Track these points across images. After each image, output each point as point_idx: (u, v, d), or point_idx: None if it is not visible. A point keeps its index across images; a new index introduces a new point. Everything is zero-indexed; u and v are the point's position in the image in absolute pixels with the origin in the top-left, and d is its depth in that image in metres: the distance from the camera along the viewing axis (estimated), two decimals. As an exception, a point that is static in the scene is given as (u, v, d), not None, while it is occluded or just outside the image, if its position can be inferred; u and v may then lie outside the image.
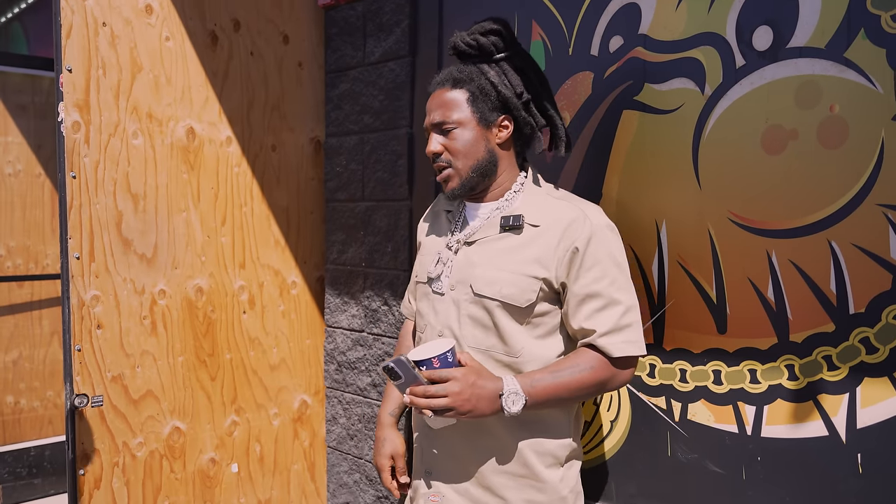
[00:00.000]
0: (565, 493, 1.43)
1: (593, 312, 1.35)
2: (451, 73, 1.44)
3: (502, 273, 1.39)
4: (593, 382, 1.35)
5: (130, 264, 2.00)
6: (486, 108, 1.42)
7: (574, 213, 1.37)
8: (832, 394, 1.39)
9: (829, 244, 1.39)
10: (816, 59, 1.39)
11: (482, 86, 1.41)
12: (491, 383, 1.30)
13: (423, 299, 1.54)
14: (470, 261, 1.44)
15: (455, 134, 1.42)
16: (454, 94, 1.42)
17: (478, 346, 1.42)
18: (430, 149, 1.44)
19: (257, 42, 2.28)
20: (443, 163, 1.44)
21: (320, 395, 2.52)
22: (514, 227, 1.40)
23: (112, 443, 1.97)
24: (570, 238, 1.35)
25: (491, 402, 1.29)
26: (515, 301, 1.37)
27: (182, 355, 2.13)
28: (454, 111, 1.41)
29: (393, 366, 1.29)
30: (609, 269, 1.36)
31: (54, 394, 3.56)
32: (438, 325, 1.47)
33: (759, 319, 1.48)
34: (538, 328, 1.41)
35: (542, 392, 1.32)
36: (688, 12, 1.56)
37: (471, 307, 1.42)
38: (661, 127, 1.62)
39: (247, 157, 2.27)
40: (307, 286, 2.47)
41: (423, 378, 1.30)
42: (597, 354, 1.35)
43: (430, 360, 1.30)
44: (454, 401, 1.27)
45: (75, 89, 1.87)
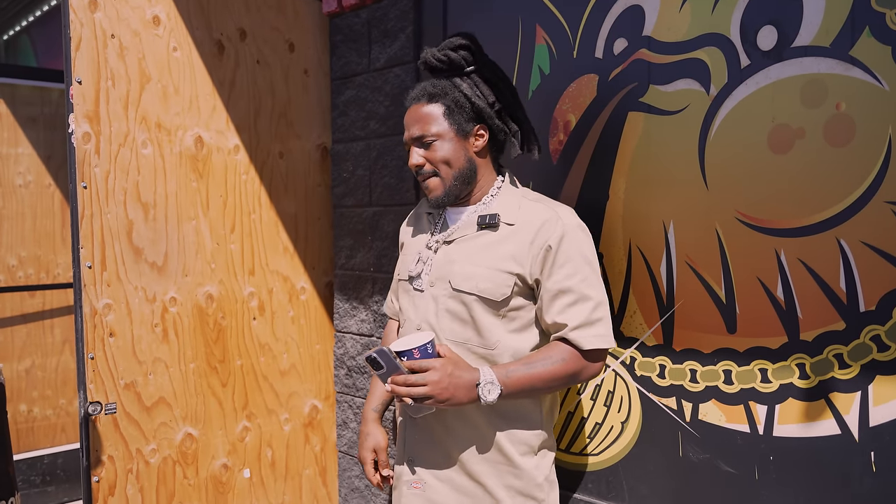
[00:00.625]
0: (540, 480, 1.50)
1: (565, 307, 1.42)
2: (426, 88, 1.51)
3: (479, 269, 1.46)
4: (564, 374, 1.42)
5: (142, 272, 2.02)
6: (462, 119, 1.49)
7: (547, 214, 1.45)
8: (844, 392, 1.39)
9: (838, 242, 1.39)
10: (822, 58, 1.39)
11: (457, 98, 1.49)
12: (468, 373, 1.38)
13: (404, 296, 1.63)
14: (449, 258, 1.52)
15: (436, 146, 1.49)
16: (431, 109, 1.49)
17: (455, 339, 1.49)
18: (413, 162, 1.52)
19: (263, 50, 2.30)
20: (427, 173, 1.51)
21: (330, 399, 2.53)
22: (490, 226, 1.49)
23: (126, 449, 1.99)
24: (544, 237, 1.43)
25: (468, 391, 1.37)
26: (491, 295, 1.45)
27: (193, 362, 2.14)
28: (432, 125, 1.49)
29: (375, 356, 1.35)
30: (580, 266, 1.43)
31: (67, 402, 3.58)
32: (417, 320, 1.55)
33: (769, 319, 1.48)
34: (513, 322, 1.48)
35: (517, 382, 1.39)
36: (691, 13, 1.57)
37: (449, 302, 1.49)
38: (666, 128, 1.62)
39: (254, 165, 2.28)
40: (316, 292, 2.48)
41: (404, 368, 1.36)
42: (568, 347, 1.43)
43: (410, 350, 1.37)
44: (433, 389, 1.34)
45: (85, 100, 1.89)
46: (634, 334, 1.71)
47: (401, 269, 1.66)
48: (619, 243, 1.72)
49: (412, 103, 1.53)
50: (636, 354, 1.71)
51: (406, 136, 1.53)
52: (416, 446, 1.56)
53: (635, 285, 1.70)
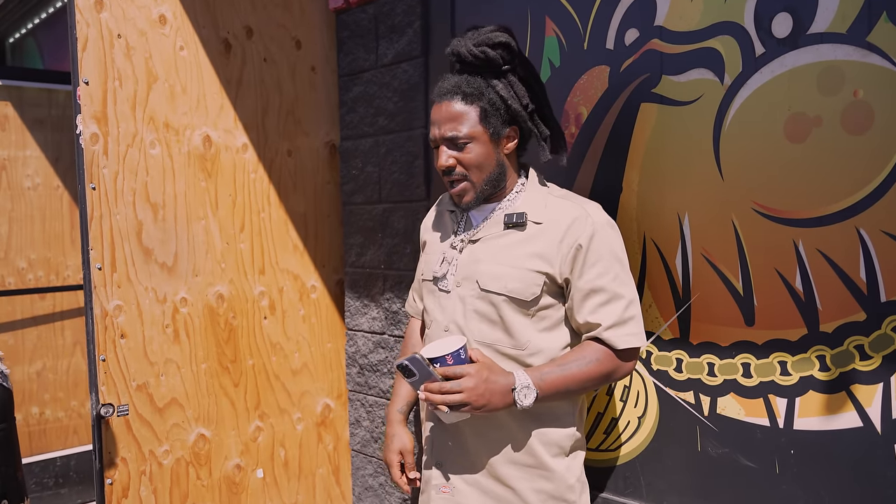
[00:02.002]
0: (572, 481, 1.47)
1: (598, 307, 1.39)
2: (461, 86, 1.42)
3: (507, 268, 1.43)
4: (599, 374, 1.39)
5: (152, 273, 2.01)
6: (498, 122, 1.43)
7: (576, 212, 1.42)
8: (865, 384, 1.37)
9: (858, 231, 1.36)
10: (838, 45, 1.37)
11: (493, 100, 1.41)
12: (503, 378, 1.34)
13: (429, 297, 1.58)
14: (475, 258, 1.48)
15: (469, 148, 1.42)
16: (465, 109, 1.41)
17: (483, 340, 1.46)
18: (443, 163, 1.44)
19: (270, 48, 2.28)
20: (457, 176, 1.45)
21: (343, 398, 2.52)
22: (518, 225, 1.45)
23: (139, 451, 1.98)
24: (574, 235, 1.39)
25: (504, 396, 1.33)
26: (521, 295, 1.41)
27: (205, 362, 2.14)
28: (466, 125, 1.41)
29: (407, 363, 1.32)
30: (611, 264, 1.40)
31: (78, 404, 3.59)
32: (444, 321, 1.51)
33: (788, 310, 1.46)
34: (543, 321, 1.44)
35: (552, 384, 1.36)
36: (704, 2, 1.54)
37: (477, 302, 1.46)
38: (680, 118, 1.60)
39: (263, 163, 2.27)
40: (327, 290, 2.47)
41: (438, 375, 1.33)
42: (602, 347, 1.40)
43: (443, 357, 1.34)
44: (469, 396, 1.30)
45: (93, 101, 1.88)
46: (650, 328, 1.69)
47: (424, 270, 1.62)
48: (633, 236, 1.70)
49: (444, 99, 1.43)
50: (652, 349, 1.69)
51: (435, 133, 1.45)
52: (445, 450, 1.52)
53: (650, 279, 1.68)
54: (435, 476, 1.54)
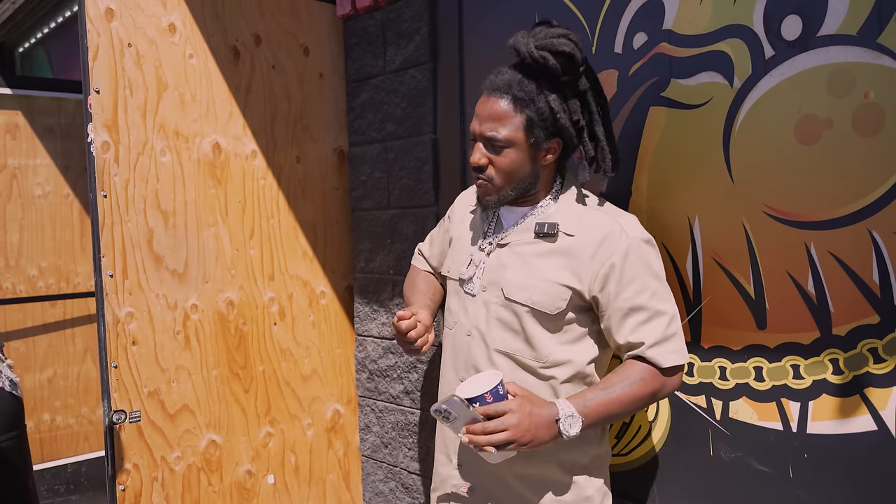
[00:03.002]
0: (591, 492, 1.45)
1: (638, 325, 1.35)
2: (512, 86, 1.36)
3: (533, 280, 1.39)
4: (645, 394, 1.35)
5: (163, 280, 2.02)
6: (542, 134, 1.38)
7: (610, 227, 1.37)
8: (879, 387, 1.36)
9: (871, 234, 1.36)
10: (849, 47, 1.36)
11: (541, 110, 1.36)
12: (546, 410, 1.29)
13: (453, 296, 1.57)
14: (501, 263, 1.45)
15: (506, 153, 1.39)
16: (511, 112, 1.36)
17: (504, 349, 1.43)
18: (476, 160, 1.41)
19: (278, 55, 2.30)
20: (484, 178, 1.42)
21: (353, 404, 2.52)
22: (549, 235, 1.41)
23: (150, 457, 1.99)
24: (607, 253, 1.35)
25: (549, 429, 1.28)
26: (545, 308, 1.38)
27: (216, 369, 2.14)
28: (508, 129, 1.37)
29: (446, 408, 1.26)
30: (649, 281, 1.36)
31: (89, 410, 3.60)
32: (468, 325, 1.49)
33: (800, 313, 1.46)
34: (566, 334, 1.41)
35: (596, 410, 1.31)
36: (713, 5, 1.54)
37: (500, 310, 1.43)
38: (689, 122, 1.60)
39: (272, 170, 2.28)
40: (336, 296, 2.47)
41: (479, 415, 1.26)
42: (646, 366, 1.35)
43: (482, 395, 1.27)
44: (514, 433, 1.24)
45: (103, 110, 1.89)
46: (661, 332, 1.68)
47: (451, 268, 1.59)
48: (643, 240, 1.70)
49: (493, 95, 1.38)
50: (663, 352, 1.68)
51: (476, 127, 1.41)
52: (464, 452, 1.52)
53: (661, 282, 1.68)
54: (454, 476, 1.53)
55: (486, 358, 1.45)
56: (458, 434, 1.30)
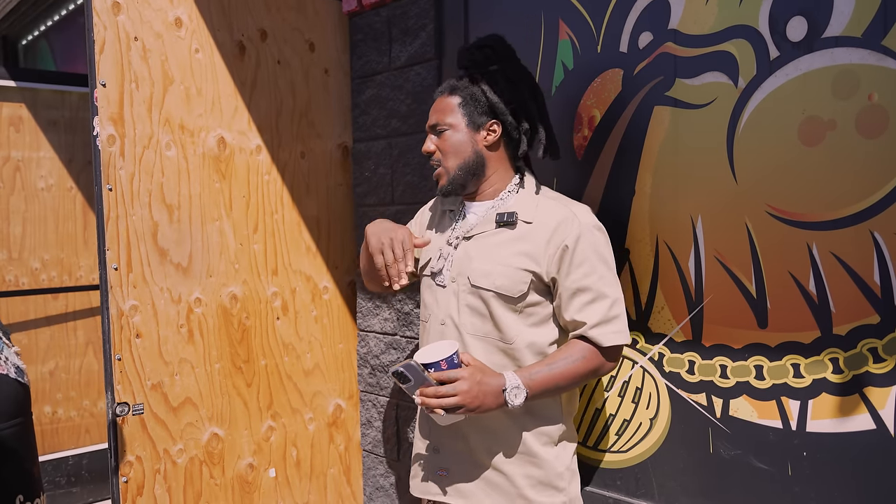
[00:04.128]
0: (561, 469, 1.54)
1: (583, 305, 1.46)
2: (450, 82, 1.59)
3: (496, 266, 1.50)
4: (585, 371, 1.47)
5: (167, 273, 2.03)
6: (476, 112, 1.54)
7: (564, 213, 1.48)
8: (879, 386, 1.37)
9: (872, 235, 1.37)
10: (853, 49, 1.37)
11: (473, 93, 1.54)
12: (495, 380, 1.41)
13: (426, 290, 1.67)
14: (468, 255, 1.56)
15: (446, 135, 1.56)
16: (450, 100, 1.56)
17: (476, 333, 1.53)
18: (424, 147, 1.60)
19: (284, 51, 2.30)
20: (435, 161, 1.59)
21: (354, 399, 2.53)
22: (508, 223, 1.52)
23: (153, 450, 2.00)
24: (561, 236, 1.46)
25: (496, 397, 1.40)
26: (508, 291, 1.48)
27: (218, 362, 2.15)
28: (447, 115, 1.56)
29: (402, 370, 1.37)
30: (597, 265, 1.46)
31: (90, 403, 3.61)
32: (441, 315, 1.59)
33: (801, 313, 1.47)
34: (531, 317, 1.51)
35: (540, 383, 1.43)
36: (719, 5, 1.55)
37: (468, 297, 1.54)
38: (694, 122, 1.61)
39: (276, 165, 2.29)
40: (339, 291, 2.48)
41: (433, 380, 1.39)
42: (587, 345, 1.47)
43: (437, 362, 1.39)
44: (463, 399, 1.37)
45: (109, 103, 1.90)
46: (663, 330, 1.69)
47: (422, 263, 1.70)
48: (645, 239, 1.71)
49: (437, 95, 1.60)
50: (664, 350, 1.69)
51: (426, 125, 1.61)
52: (442, 437, 1.60)
53: (663, 281, 1.69)
54: (432, 460, 1.62)
55: (460, 342, 1.55)
56: (412, 396, 1.41)
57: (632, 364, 1.75)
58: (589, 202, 1.73)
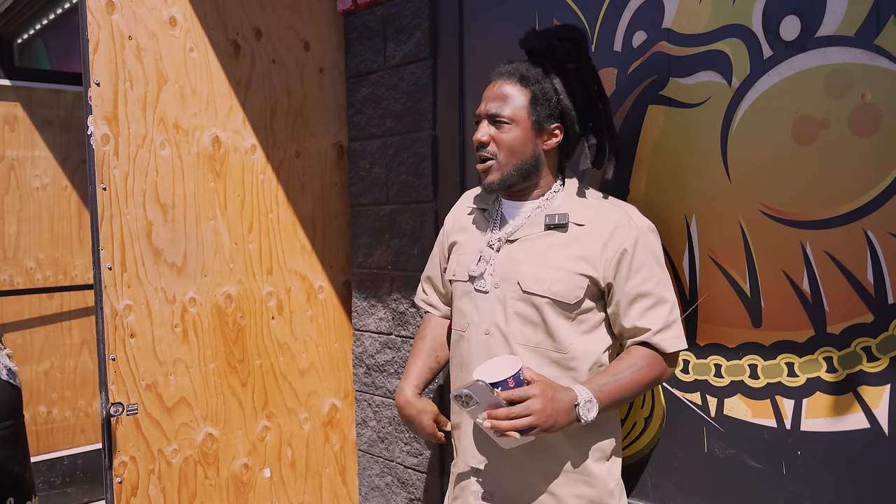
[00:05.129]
0: (612, 486, 1.47)
1: (644, 311, 1.40)
2: (519, 68, 1.44)
3: (550, 270, 1.41)
4: (650, 379, 1.40)
5: (161, 273, 2.02)
6: (544, 113, 1.43)
7: (619, 216, 1.42)
8: (873, 385, 1.37)
9: (865, 234, 1.37)
10: (846, 48, 1.37)
11: (546, 90, 1.42)
12: (566, 395, 1.31)
13: (463, 298, 1.55)
14: (514, 258, 1.46)
15: (507, 129, 1.43)
16: (516, 91, 1.42)
17: (526, 343, 1.44)
18: (479, 137, 1.45)
19: (279, 50, 2.30)
20: (487, 153, 1.45)
21: (350, 398, 2.53)
22: (560, 226, 1.44)
23: (147, 450, 1.99)
24: (619, 240, 1.39)
25: (568, 414, 1.30)
26: (564, 298, 1.40)
27: (213, 362, 2.15)
28: (511, 107, 1.42)
29: (468, 392, 1.26)
30: (655, 269, 1.41)
31: (85, 403, 3.60)
32: (484, 324, 1.48)
33: (795, 312, 1.47)
34: (584, 324, 1.44)
35: (609, 395, 1.35)
36: (712, 5, 1.55)
37: (518, 304, 1.44)
38: (687, 121, 1.61)
39: (271, 164, 2.29)
40: (334, 290, 2.48)
41: (503, 401, 1.27)
42: (649, 351, 1.41)
43: (505, 381, 1.28)
44: (538, 418, 1.26)
45: (104, 102, 1.89)
46: (657, 329, 1.69)
47: (457, 270, 1.58)
48: (640, 238, 1.71)
49: (500, 78, 1.45)
50: (659, 350, 1.69)
51: (481, 108, 1.46)
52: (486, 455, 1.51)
53: (657, 280, 1.69)
54: (472, 483, 1.52)
55: (508, 354, 1.45)
56: (475, 419, 1.30)
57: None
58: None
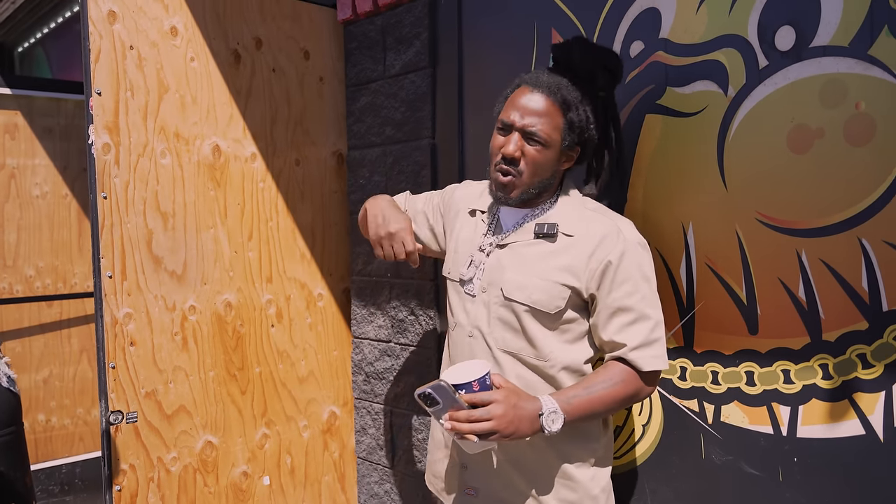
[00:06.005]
0: (596, 491, 1.46)
1: (624, 326, 1.38)
2: (561, 88, 1.40)
3: (533, 279, 1.41)
4: (623, 396, 1.38)
5: (161, 281, 2.03)
6: (573, 140, 1.43)
7: (608, 227, 1.40)
8: (868, 392, 1.38)
9: (860, 241, 1.38)
10: (840, 58, 1.39)
11: (581, 117, 1.41)
12: (530, 404, 1.31)
13: (454, 296, 1.57)
14: (501, 264, 1.47)
15: (539, 149, 1.40)
16: (554, 111, 1.39)
17: (507, 349, 1.45)
18: (510, 151, 1.40)
19: (279, 59, 2.32)
20: (513, 168, 1.42)
21: (349, 406, 2.53)
22: (548, 235, 1.43)
23: (147, 458, 2.00)
24: (604, 252, 1.38)
25: (532, 423, 1.30)
26: (544, 307, 1.40)
27: (213, 370, 2.16)
28: (550, 128, 1.39)
29: (431, 392, 1.25)
30: (640, 284, 1.39)
31: (84, 411, 3.60)
32: (469, 326, 1.51)
33: (791, 319, 1.48)
34: (566, 334, 1.43)
35: (578, 408, 1.34)
36: (708, 15, 1.57)
37: (500, 310, 1.45)
38: (684, 130, 1.62)
39: (271, 173, 2.30)
40: (333, 298, 2.49)
41: (464, 402, 1.27)
42: (626, 368, 1.38)
43: (469, 383, 1.27)
44: (498, 424, 1.25)
45: (105, 112, 1.91)
46: (655, 337, 1.70)
47: (451, 268, 1.59)
48: (637, 246, 1.72)
49: (540, 91, 1.40)
50: (657, 357, 1.70)
51: (514, 118, 1.40)
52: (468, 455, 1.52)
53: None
54: (460, 476, 1.54)
55: (489, 358, 1.47)
56: (438, 420, 1.30)
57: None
58: (581, 209, 1.74)
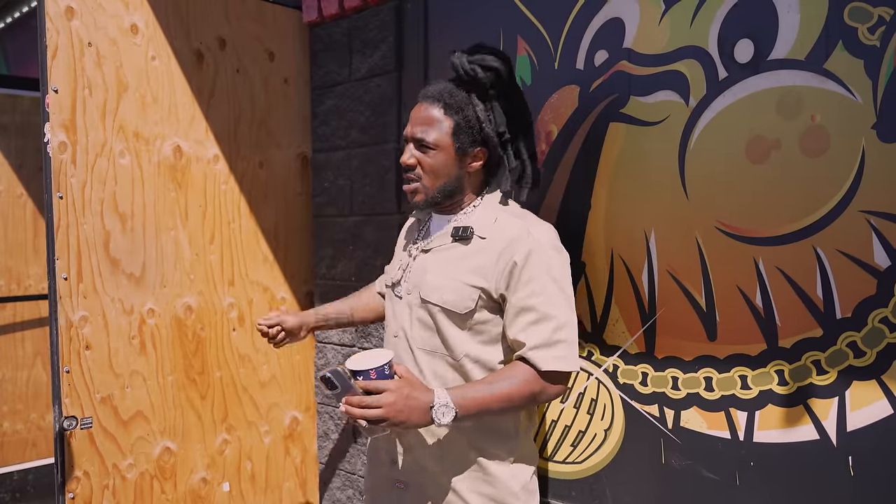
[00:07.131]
0: (516, 489, 1.49)
1: (526, 325, 1.40)
2: (443, 94, 1.47)
3: (447, 280, 1.46)
4: (524, 394, 1.39)
5: (119, 284, 1.99)
6: (467, 140, 1.47)
7: (519, 229, 1.43)
8: (822, 398, 1.42)
9: (815, 250, 1.41)
10: (797, 71, 1.42)
11: (469, 118, 1.46)
12: (423, 395, 1.33)
13: (388, 301, 1.64)
14: (423, 267, 1.53)
15: (431, 154, 1.47)
16: (440, 117, 1.46)
17: (424, 347, 1.50)
18: (404, 159, 1.50)
19: (243, 60, 2.29)
20: (413, 176, 1.50)
21: (311, 411, 2.51)
22: (463, 238, 1.48)
23: (102, 465, 1.95)
24: (511, 252, 1.41)
25: (423, 414, 1.32)
26: (454, 307, 1.44)
27: (172, 374, 2.11)
28: (436, 133, 1.46)
29: (329, 376, 1.30)
30: (547, 285, 1.40)
31: (38, 416, 3.50)
32: (395, 327, 1.58)
33: (748, 326, 1.51)
34: (481, 335, 1.47)
35: (473, 403, 1.35)
36: (671, 26, 1.59)
37: (419, 311, 1.51)
38: (647, 138, 1.64)
39: (234, 174, 2.27)
40: (296, 301, 2.46)
41: (359, 389, 1.32)
42: (528, 367, 1.40)
43: (367, 371, 1.32)
44: (388, 412, 1.29)
45: (61, 110, 1.86)
46: (617, 342, 1.72)
47: (388, 276, 1.68)
48: (601, 252, 1.74)
49: (426, 101, 1.49)
50: (619, 362, 1.72)
51: (408, 130, 1.50)
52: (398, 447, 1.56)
53: (617, 294, 1.72)
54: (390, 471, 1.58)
55: (410, 356, 1.52)
56: (338, 403, 1.34)
57: (587, 375, 1.78)
58: (545, 216, 1.75)
